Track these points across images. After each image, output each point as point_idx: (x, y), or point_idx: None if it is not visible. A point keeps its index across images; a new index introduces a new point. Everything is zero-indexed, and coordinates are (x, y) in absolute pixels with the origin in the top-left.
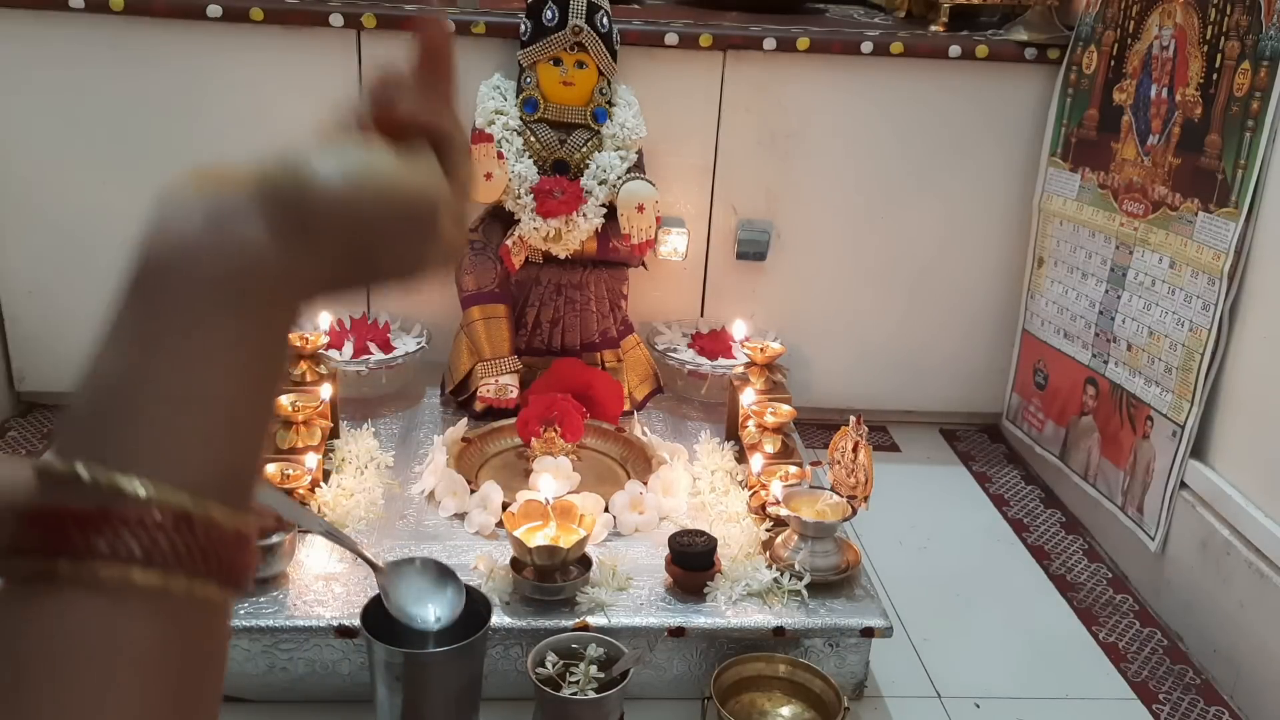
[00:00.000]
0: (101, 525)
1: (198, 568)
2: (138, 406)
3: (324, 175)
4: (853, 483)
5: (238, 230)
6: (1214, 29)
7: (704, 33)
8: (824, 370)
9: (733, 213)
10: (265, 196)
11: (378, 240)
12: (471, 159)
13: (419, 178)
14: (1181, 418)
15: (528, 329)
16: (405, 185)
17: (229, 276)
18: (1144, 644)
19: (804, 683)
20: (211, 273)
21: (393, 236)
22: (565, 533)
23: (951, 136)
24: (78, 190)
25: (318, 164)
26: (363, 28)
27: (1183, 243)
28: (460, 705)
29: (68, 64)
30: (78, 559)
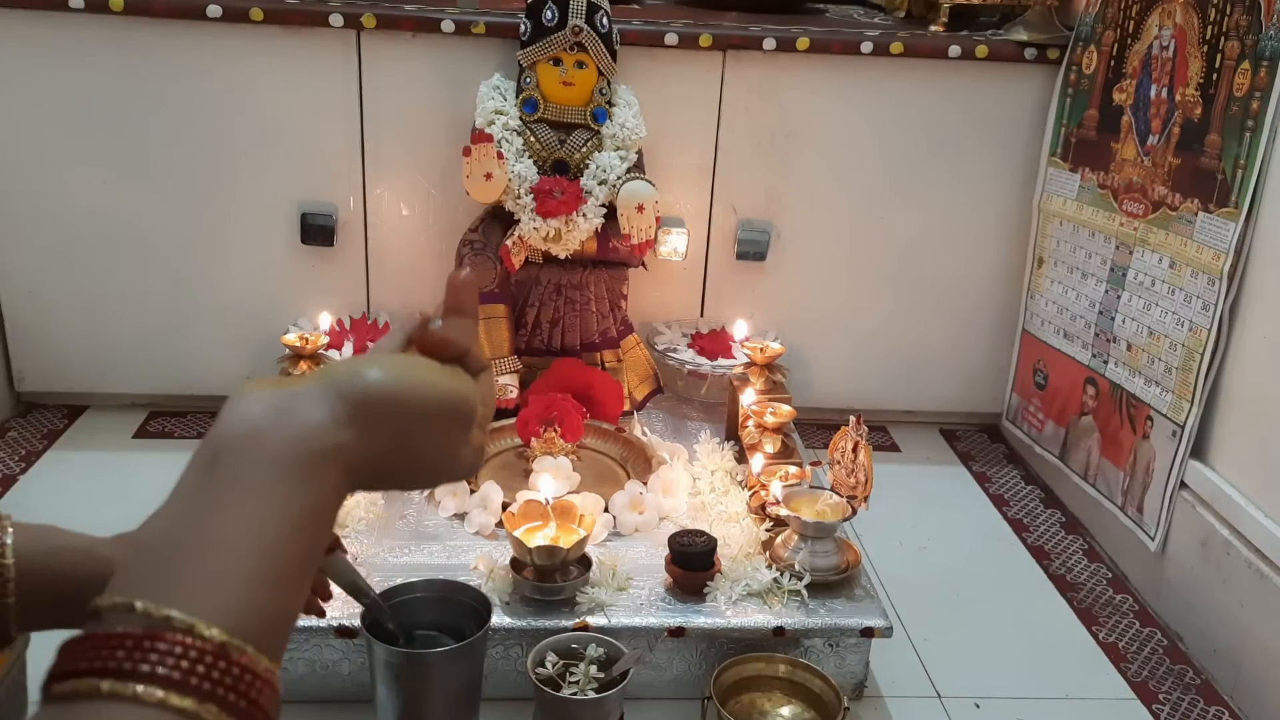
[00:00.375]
0: (147, 650)
1: (227, 700)
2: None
3: (378, 373)
4: (853, 483)
5: (300, 413)
6: (1214, 29)
7: (704, 33)
8: (824, 370)
9: (733, 213)
10: (326, 388)
11: (418, 430)
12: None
13: (454, 383)
14: (1181, 418)
15: (528, 329)
16: (443, 387)
17: (289, 451)
18: (1144, 644)
19: (804, 683)
20: (274, 449)
21: (431, 428)
22: (565, 533)
23: (951, 137)
24: (78, 190)
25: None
26: (362, 28)
27: (1183, 243)
28: (460, 705)
29: (68, 64)
30: (121, 679)
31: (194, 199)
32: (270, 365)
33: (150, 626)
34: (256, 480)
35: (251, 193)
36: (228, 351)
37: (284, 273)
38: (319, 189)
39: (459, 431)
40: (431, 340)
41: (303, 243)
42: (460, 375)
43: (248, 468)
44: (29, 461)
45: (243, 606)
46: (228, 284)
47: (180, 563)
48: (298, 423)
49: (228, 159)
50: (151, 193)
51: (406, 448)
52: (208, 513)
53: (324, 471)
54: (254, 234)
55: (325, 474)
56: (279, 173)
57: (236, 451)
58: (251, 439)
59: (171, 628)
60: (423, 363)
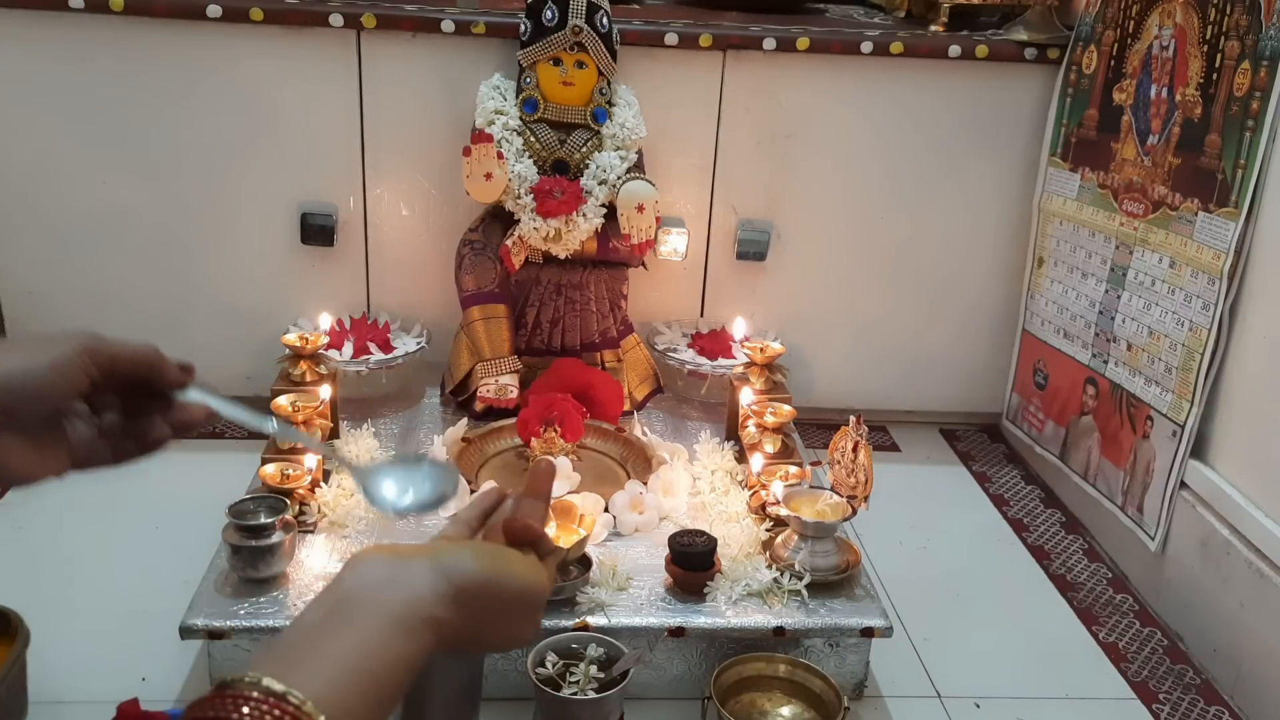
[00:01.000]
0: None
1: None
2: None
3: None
4: (853, 483)
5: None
6: (1214, 29)
7: (704, 33)
8: (824, 370)
9: (733, 213)
10: (434, 567)
11: (500, 613)
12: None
13: (535, 576)
14: (1181, 417)
15: (528, 329)
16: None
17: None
18: (1144, 644)
19: (804, 683)
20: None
21: (510, 612)
22: (565, 533)
23: (951, 136)
24: (78, 190)
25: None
26: (363, 28)
27: (1183, 243)
28: (460, 705)
29: (68, 64)
30: None
31: (194, 199)
32: (270, 365)
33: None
34: (370, 624)
35: (251, 193)
36: (228, 351)
37: (284, 273)
38: (319, 189)
39: (531, 614)
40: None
41: (303, 243)
42: (539, 568)
43: (365, 614)
44: None
45: (345, 708)
46: (228, 284)
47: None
48: (408, 591)
49: (228, 159)
50: (151, 192)
51: (488, 624)
52: (330, 637)
53: (421, 633)
54: (254, 234)
55: (421, 635)
56: (279, 173)
57: (358, 601)
58: (371, 594)
59: (287, 702)
60: (513, 555)
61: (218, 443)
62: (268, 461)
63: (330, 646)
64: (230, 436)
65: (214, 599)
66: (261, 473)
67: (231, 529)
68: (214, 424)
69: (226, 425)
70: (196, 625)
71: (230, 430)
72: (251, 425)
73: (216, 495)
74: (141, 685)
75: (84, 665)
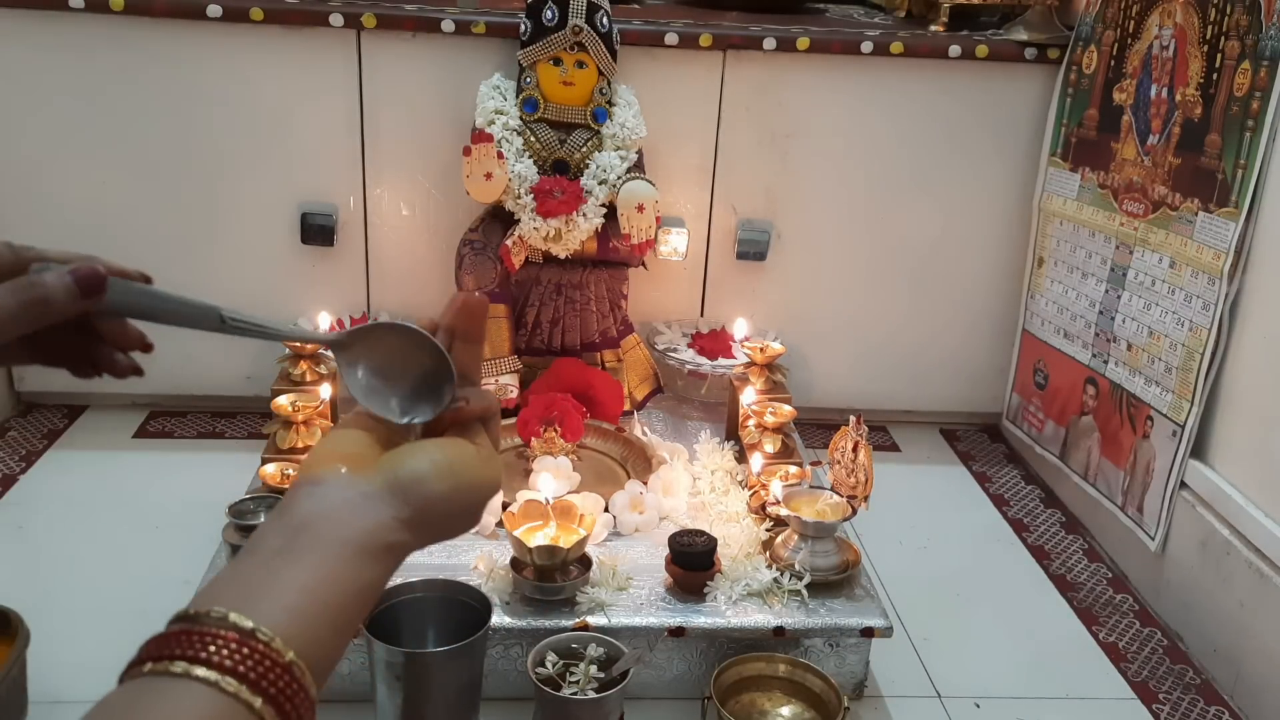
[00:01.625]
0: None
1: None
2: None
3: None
4: (853, 483)
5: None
6: (1214, 29)
7: (704, 33)
8: (824, 370)
9: (733, 213)
10: (393, 491)
11: (459, 517)
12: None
13: (490, 473)
14: (1181, 417)
15: (528, 329)
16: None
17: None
18: (1144, 644)
19: (804, 682)
20: (347, 534)
21: (468, 513)
22: (565, 533)
23: (951, 136)
24: (77, 190)
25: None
26: (363, 28)
27: (1183, 242)
28: (460, 705)
29: (68, 64)
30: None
31: (194, 199)
32: (270, 365)
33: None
34: (332, 553)
35: (251, 193)
36: (228, 351)
37: (284, 273)
38: (319, 189)
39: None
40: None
41: (303, 243)
42: (493, 459)
43: (325, 542)
44: (29, 461)
45: (310, 639)
46: (228, 284)
47: (267, 592)
48: (368, 518)
49: (228, 159)
50: (151, 192)
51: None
52: (290, 564)
53: (383, 558)
54: (254, 234)
55: (384, 560)
56: (279, 173)
57: (316, 529)
58: (329, 522)
59: (255, 639)
60: (468, 458)
61: (218, 443)
62: (268, 461)
63: (293, 576)
64: (230, 436)
65: None
66: (261, 473)
67: (231, 529)
68: None
69: (226, 425)
70: None
71: (230, 430)
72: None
73: (216, 495)
74: None
75: (84, 665)
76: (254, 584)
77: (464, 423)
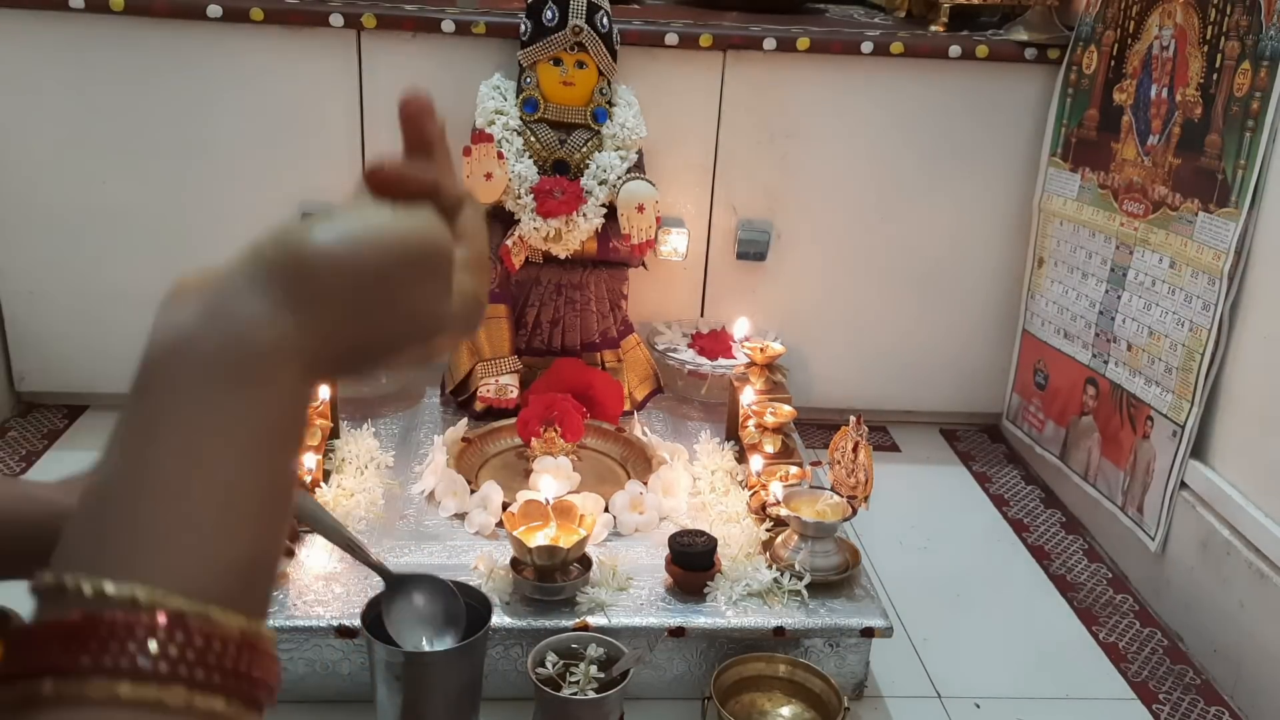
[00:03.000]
0: (87, 638)
1: (196, 679)
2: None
3: (318, 236)
4: (853, 483)
5: (233, 308)
6: (1214, 29)
7: (704, 33)
8: (824, 370)
9: (733, 213)
10: (259, 270)
11: (384, 293)
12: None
13: (413, 221)
14: (1181, 418)
15: (528, 329)
16: (399, 229)
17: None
18: (1144, 644)
19: (804, 683)
20: (209, 354)
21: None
22: (565, 533)
23: (951, 137)
24: (78, 190)
25: (310, 228)
26: (363, 28)
27: (1183, 243)
28: (460, 705)
29: (68, 64)
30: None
31: (194, 199)
32: None
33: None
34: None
35: (251, 192)
36: None
37: None
38: (319, 189)
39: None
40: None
41: None
42: (422, 213)
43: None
44: (29, 461)
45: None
46: None
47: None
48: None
49: (228, 159)
50: (152, 193)
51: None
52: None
53: (272, 372)
54: (254, 234)
55: (274, 374)
56: (279, 172)
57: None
58: (179, 352)
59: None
60: (370, 209)
61: None
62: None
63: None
64: None
65: None
66: None
67: None
68: None
69: None
70: None
71: None
72: None
73: None
74: None
75: None
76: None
77: None
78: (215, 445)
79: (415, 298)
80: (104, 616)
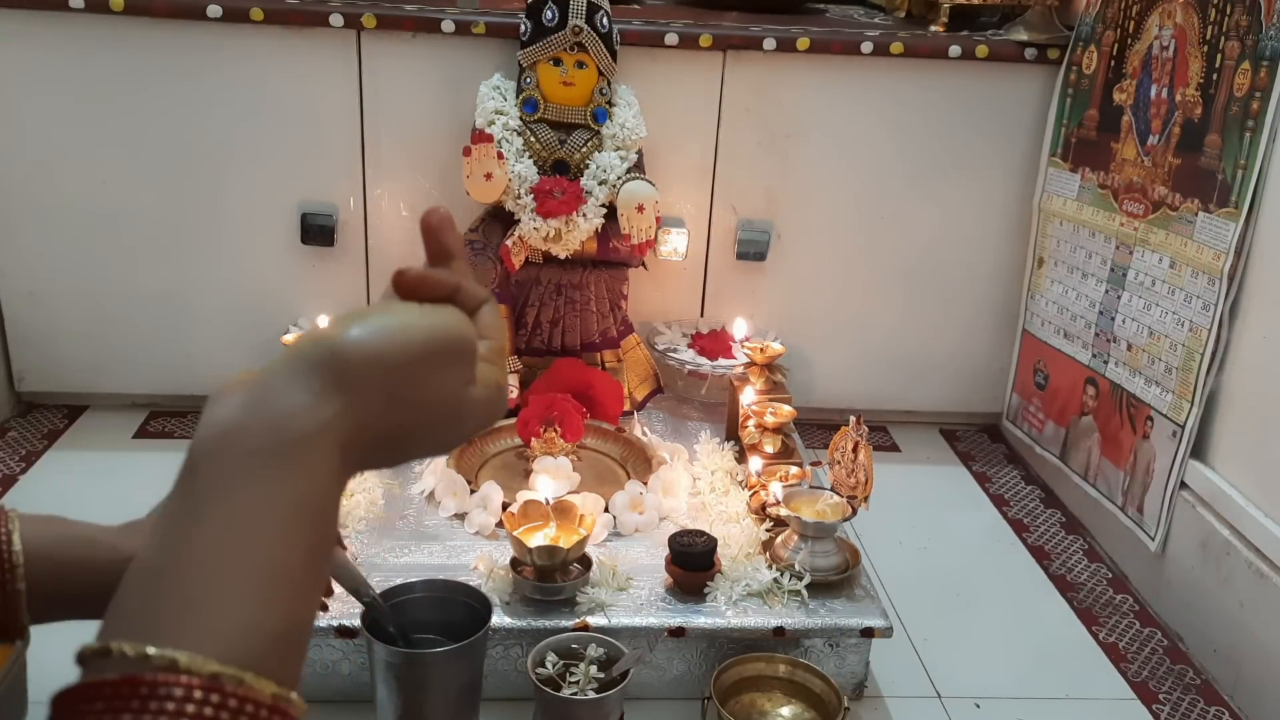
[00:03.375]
0: (129, 696)
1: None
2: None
3: (353, 332)
4: (853, 483)
5: (275, 399)
6: (1214, 29)
7: (704, 33)
8: (824, 370)
9: (733, 213)
10: (299, 365)
11: (413, 380)
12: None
13: (439, 317)
14: (1181, 418)
15: (528, 329)
16: (426, 324)
17: (270, 440)
18: (1144, 644)
19: (804, 683)
20: (253, 440)
21: (426, 377)
22: (565, 533)
23: (951, 137)
24: (78, 191)
25: (340, 323)
26: (363, 28)
27: (1183, 243)
28: (460, 705)
29: (68, 64)
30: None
31: (194, 199)
32: None
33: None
34: (237, 482)
35: (251, 192)
36: (228, 351)
37: (284, 273)
38: (319, 189)
39: (460, 367)
40: (409, 282)
41: (303, 243)
42: (446, 310)
43: (226, 470)
44: (29, 461)
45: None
46: (228, 284)
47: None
48: (273, 409)
49: (228, 159)
50: (151, 193)
51: (405, 406)
52: (189, 528)
53: (312, 457)
54: (254, 234)
55: (314, 459)
56: (279, 173)
57: (213, 455)
58: (226, 439)
59: (152, 667)
60: (399, 307)
61: None
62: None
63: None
64: None
65: None
66: None
67: None
68: None
69: None
70: None
71: None
72: None
73: None
74: None
75: None
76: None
77: None
78: (256, 523)
79: (442, 383)
80: (144, 677)
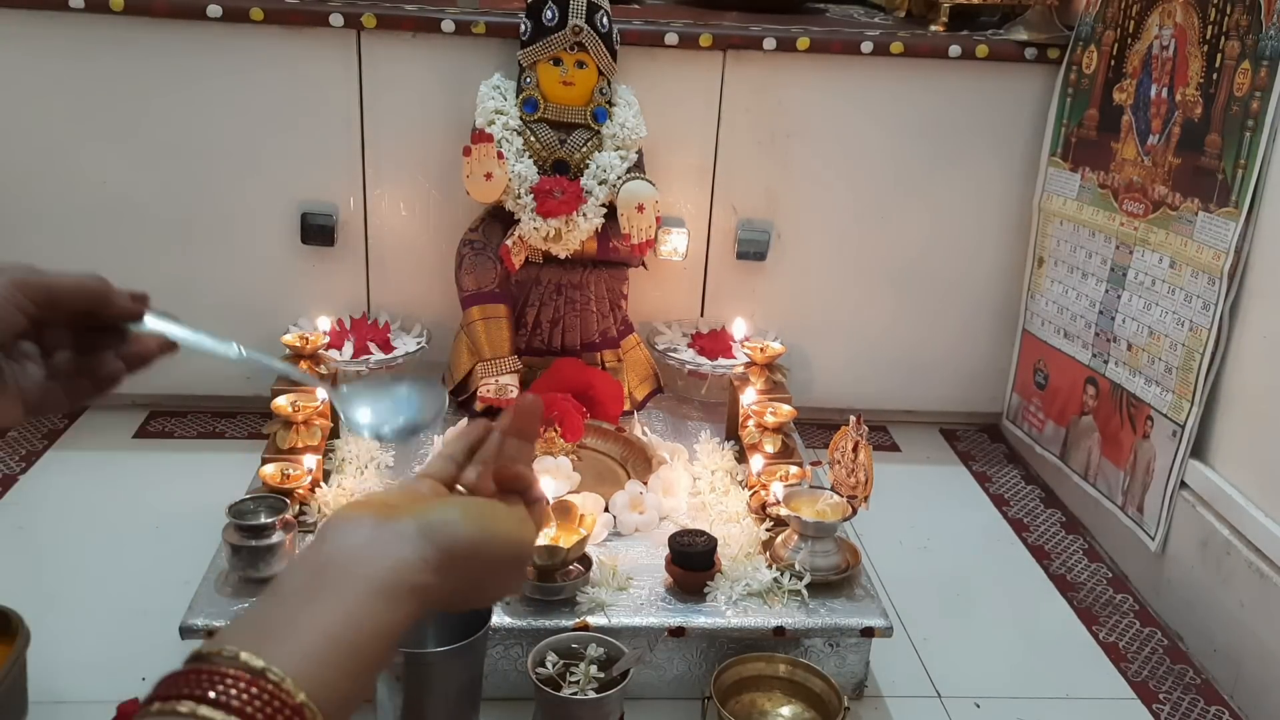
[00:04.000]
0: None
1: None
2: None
3: (465, 528)
4: (853, 483)
5: (395, 548)
6: (1214, 29)
7: (704, 33)
8: (824, 370)
9: (733, 213)
10: (420, 530)
11: (489, 574)
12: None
13: (524, 532)
14: (1181, 417)
15: (528, 329)
16: (515, 538)
17: (382, 577)
18: (1144, 644)
19: (804, 683)
20: (370, 572)
21: (499, 572)
22: (565, 532)
23: (951, 136)
24: (78, 190)
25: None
26: (363, 28)
27: (1183, 242)
28: (460, 705)
29: (68, 64)
30: (196, 700)
31: (194, 199)
32: None
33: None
34: (352, 593)
35: (251, 192)
36: None
37: (284, 272)
38: (319, 189)
39: (520, 567)
40: (506, 475)
41: (303, 243)
42: (527, 521)
43: (347, 582)
44: (29, 461)
45: (324, 682)
46: (228, 283)
47: (282, 632)
48: (391, 556)
49: (228, 158)
50: (151, 193)
51: (474, 585)
52: (309, 605)
53: (406, 601)
54: (254, 234)
55: (406, 603)
56: (279, 173)
57: (339, 566)
58: (353, 560)
59: (265, 679)
60: (501, 512)
61: (218, 443)
62: (268, 461)
63: (309, 617)
64: (230, 436)
65: (214, 599)
66: (261, 473)
67: (231, 529)
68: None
69: (226, 425)
70: (197, 625)
71: (230, 430)
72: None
73: (216, 495)
74: (141, 685)
75: (84, 665)
76: (271, 624)
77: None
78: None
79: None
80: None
